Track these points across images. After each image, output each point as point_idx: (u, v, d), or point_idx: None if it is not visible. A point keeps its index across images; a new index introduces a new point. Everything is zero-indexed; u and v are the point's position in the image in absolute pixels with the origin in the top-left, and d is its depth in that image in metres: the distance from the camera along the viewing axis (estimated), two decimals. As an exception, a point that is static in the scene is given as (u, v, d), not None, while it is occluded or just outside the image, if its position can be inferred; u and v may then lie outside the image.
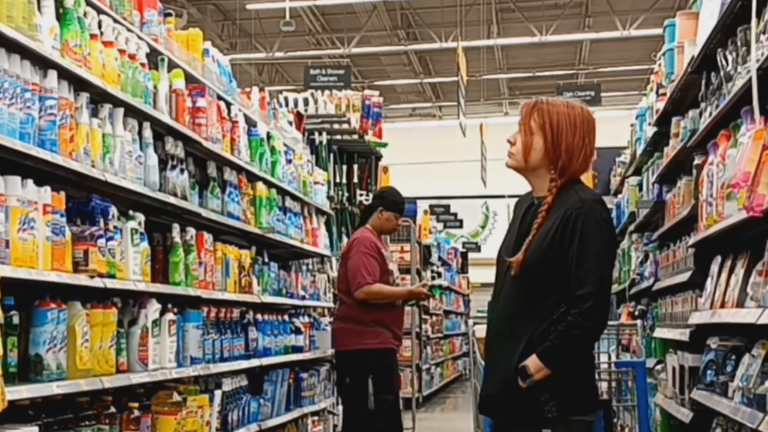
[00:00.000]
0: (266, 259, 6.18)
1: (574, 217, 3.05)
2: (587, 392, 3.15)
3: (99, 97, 3.96)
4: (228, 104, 5.54)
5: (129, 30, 4.29)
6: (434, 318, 15.89)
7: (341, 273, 6.38)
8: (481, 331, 4.98)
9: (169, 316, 4.38)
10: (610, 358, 4.85)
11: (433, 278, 13.78)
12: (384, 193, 6.67)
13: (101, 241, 3.74)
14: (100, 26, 4.00)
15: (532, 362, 3.02)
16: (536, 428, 3.05)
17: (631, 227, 8.45)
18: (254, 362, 5.69)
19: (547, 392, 3.04)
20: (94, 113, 3.91)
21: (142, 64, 4.32)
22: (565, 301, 3.03)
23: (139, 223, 4.20)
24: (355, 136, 8.99)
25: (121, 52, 4.13)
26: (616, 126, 15.99)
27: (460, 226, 26.40)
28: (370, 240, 6.23)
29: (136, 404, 4.02)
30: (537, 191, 3.23)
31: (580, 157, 3.15)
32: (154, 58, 4.58)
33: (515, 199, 3.43)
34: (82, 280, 3.60)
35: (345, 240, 8.00)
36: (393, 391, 6.16)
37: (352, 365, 6.17)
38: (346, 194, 8.72)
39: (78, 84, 3.74)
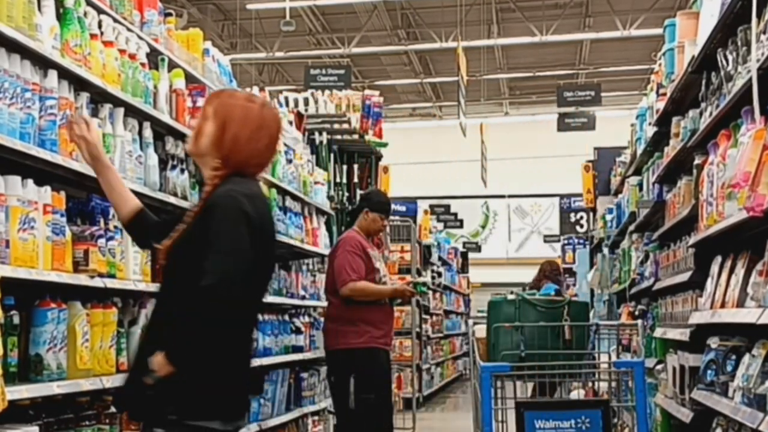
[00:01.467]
0: (266, 259, 6.17)
1: (212, 206, 2.92)
2: (215, 396, 2.90)
3: (99, 97, 3.95)
4: (228, 104, 5.53)
5: (129, 30, 4.29)
6: (434, 318, 15.89)
7: (328, 273, 6.41)
8: (481, 331, 4.99)
9: (170, 316, 4.37)
10: (609, 358, 4.84)
11: (417, 276, 13.80)
12: (369, 195, 6.77)
13: (101, 241, 3.74)
14: (100, 26, 4.00)
15: (157, 358, 2.83)
16: (150, 428, 2.88)
17: (631, 227, 8.44)
18: (254, 362, 5.68)
19: (168, 392, 2.83)
20: (94, 113, 3.91)
21: (143, 64, 4.32)
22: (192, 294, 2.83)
23: (140, 223, 4.19)
24: (356, 136, 8.97)
25: (122, 51, 4.13)
26: (616, 126, 16.02)
27: (461, 226, 26.41)
28: (355, 239, 6.28)
29: (136, 404, 4.02)
30: (207, 180, 3.10)
31: (247, 150, 3.04)
32: (154, 57, 4.58)
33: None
34: (82, 280, 3.60)
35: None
36: (375, 391, 6.11)
37: (337, 364, 6.18)
38: (346, 194, 8.71)
39: (78, 84, 3.74)
